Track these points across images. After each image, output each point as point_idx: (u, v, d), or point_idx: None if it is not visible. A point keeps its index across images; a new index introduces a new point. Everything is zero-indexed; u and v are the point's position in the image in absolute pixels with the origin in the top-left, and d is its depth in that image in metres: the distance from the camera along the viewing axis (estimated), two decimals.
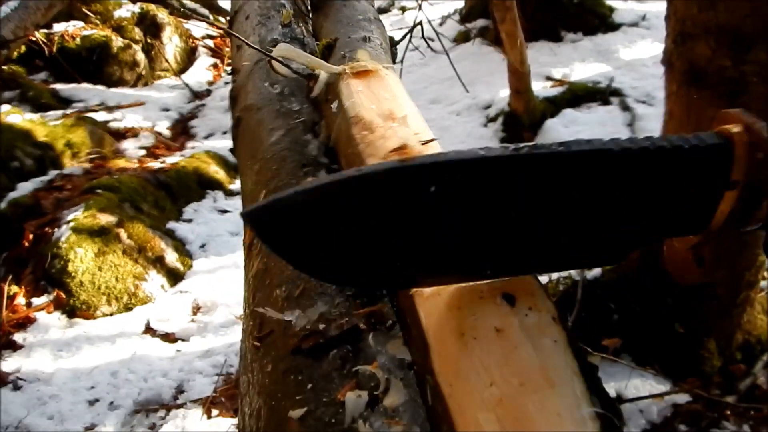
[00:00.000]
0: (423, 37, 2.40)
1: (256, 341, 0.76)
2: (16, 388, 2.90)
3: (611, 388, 2.61)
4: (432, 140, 0.83)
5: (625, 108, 5.24)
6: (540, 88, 5.57)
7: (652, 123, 4.76)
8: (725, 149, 0.59)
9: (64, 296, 3.33)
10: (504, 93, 5.40)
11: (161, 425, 2.79)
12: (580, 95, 5.48)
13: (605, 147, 0.57)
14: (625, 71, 5.76)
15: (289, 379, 0.67)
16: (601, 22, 6.61)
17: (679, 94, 2.32)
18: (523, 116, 5.18)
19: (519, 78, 5.00)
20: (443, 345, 0.55)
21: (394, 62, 1.50)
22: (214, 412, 2.84)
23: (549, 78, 5.93)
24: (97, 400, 2.89)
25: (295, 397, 0.65)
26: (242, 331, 0.85)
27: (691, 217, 0.62)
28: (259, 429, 0.67)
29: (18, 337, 3.18)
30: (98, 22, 6.69)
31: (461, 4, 7.50)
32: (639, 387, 2.60)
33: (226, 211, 4.46)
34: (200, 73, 7.28)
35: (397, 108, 0.95)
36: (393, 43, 1.54)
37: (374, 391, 0.61)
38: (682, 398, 2.54)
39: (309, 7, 1.67)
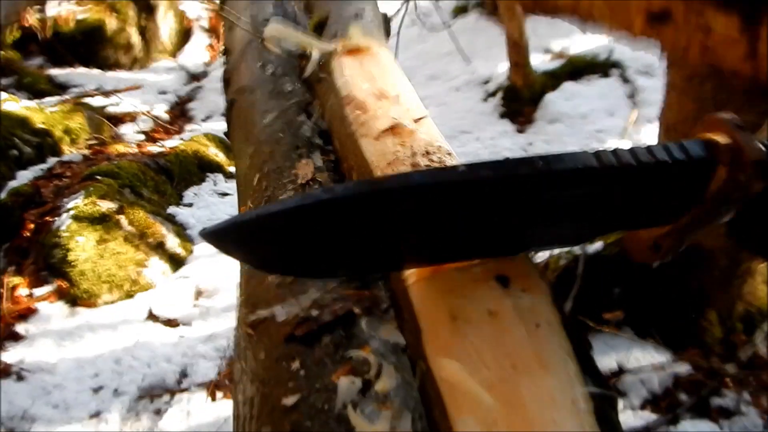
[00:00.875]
0: (416, 13, 2.36)
1: (249, 328, 0.75)
2: (20, 378, 2.91)
3: (613, 360, 2.62)
4: (423, 117, 0.81)
5: (626, 80, 5.20)
6: (539, 61, 5.52)
7: (652, 95, 4.71)
8: (708, 165, 0.58)
9: (65, 285, 3.34)
10: (503, 67, 5.35)
11: (166, 410, 2.81)
12: (580, 68, 5.43)
13: (588, 164, 0.54)
14: (625, 42, 5.69)
15: (282, 366, 0.67)
16: None
17: (681, 65, 2.30)
18: (522, 90, 5.14)
19: (518, 51, 4.95)
20: (435, 329, 0.54)
21: (387, 38, 1.47)
22: (219, 395, 2.86)
23: (548, 51, 5.87)
24: (101, 388, 2.90)
25: (287, 384, 0.64)
26: (236, 318, 0.84)
27: (660, 217, 0.62)
28: (253, 417, 0.66)
29: (20, 327, 3.19)
30: (92, 4, 6.62)
31: None
32: (640, 358, 2.61)
33: (226, 194, 4.45)
34: (197, 53, 7.23)
35: (390, 86, 0.93)
36: (386, 19, 1.52)
37: (366, 376, 0.60)
38: (683, 368, 2.55)
39: None
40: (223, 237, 0.53)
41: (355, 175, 0.80)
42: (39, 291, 3.34)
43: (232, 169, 4.78)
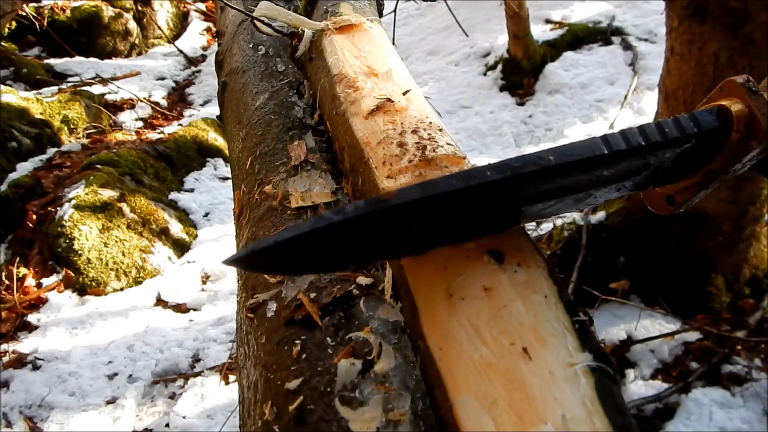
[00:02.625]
0: None
1: (249, 313, 0.74)
2: (36, 367, 2.94)
3: (621, 330, 2.62)
4: (412, 93, 0.80)
5: (627, 47, 5.13)
6: (539, 31, 5.46)
7: (654, 61, 4.66)
8: (722, 132, 0.58)
9: (72, 274, 3.36)
10: (503, 39, 5.30)
11: (181, 394, 2.84)
12: (580, 36, 5.36)
13: (596, 153, 0.55)
14: (626, 9, 5.62)
15: (283, 350, 0.66)
16: None
17: (680, 30, 2.26)
18: (523, 62, 5.08)
19: (517, 22, 4.89)
20: (431, 307, 0.54)
21: (380, 15, 1.45)
22: (231, 378, 2.88)
23: (548, 21, 5.80)
24: (115, 374, 2.94)
25: (290, 368, 0.64)
26: (236, 302, 0.84)
27: (674, 178, 0.63)
28: (257, 401, 0.66)
29: (32, 318, 3.22)
30: None
31: None
32: (649, 327, 2.61)
33: (227, 179, 4.45)
34: (194, 38, 7.18)
35: (380, 62, 0.91)
36: None
37: (368, 356, 0.60)
38: (693, 336, 2.55)
39: None
40: (244, 262, 0.58)
41: (347, 155, 0.79)
42: (47, 281, 3.36)
43: None
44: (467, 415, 0.46)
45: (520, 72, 5.08)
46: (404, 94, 0.80)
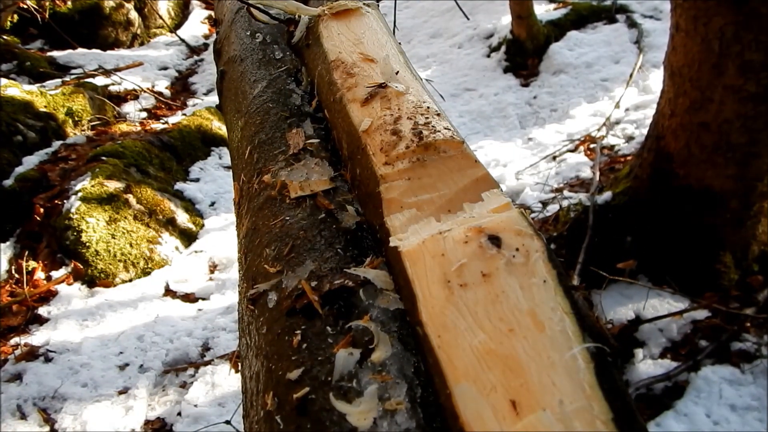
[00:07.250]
0: None
1: (249, 303, 0.74)
2: (48, 360, 2.97)
3: (629, 310, 2.61)
4: (405, 76, 0.79)
5: (632, 24, 5.07)
6: (543, 11, 5.40)
7: (659, 38, 4.61)
8: None
9: (81, 267, 3.37)
10: (506, 20, 5.25)
11: (192, 383, 2.86)
12: (584, 15, 5.31)
13: None
14: None
15: (284, 339, 0.66)
16: None
17: (685, 6, 2.22)
18: (526, 42, 5.04)
19: (520, 2, 4.84)
20: (429, 295, 0.53)
21: None
22: None
23: (552, 0, 5.75)
24: (127, 365, 2.96)
25: (291, 358, 0.64)
26: (238, 293, 0.84)
27: None
28: (259, 392, 0.66)
29: (42, 310, 3.24)
30: None
31: None
32: (657, 306, 2.60)
33: None
34: (195, 27, 7.16)
35: (378, 48, 0.90)
36: None
37: (369, 345, 0.60)
38: (701, 314, 2.54)
39: None
40: None
41: (345, 142, 0.78)
42: (56, 273, 3.38)
43: None
44: (466, 402, 0.46)
45: (524, 53, 5.03)
46: (401, 79, 0.79)
